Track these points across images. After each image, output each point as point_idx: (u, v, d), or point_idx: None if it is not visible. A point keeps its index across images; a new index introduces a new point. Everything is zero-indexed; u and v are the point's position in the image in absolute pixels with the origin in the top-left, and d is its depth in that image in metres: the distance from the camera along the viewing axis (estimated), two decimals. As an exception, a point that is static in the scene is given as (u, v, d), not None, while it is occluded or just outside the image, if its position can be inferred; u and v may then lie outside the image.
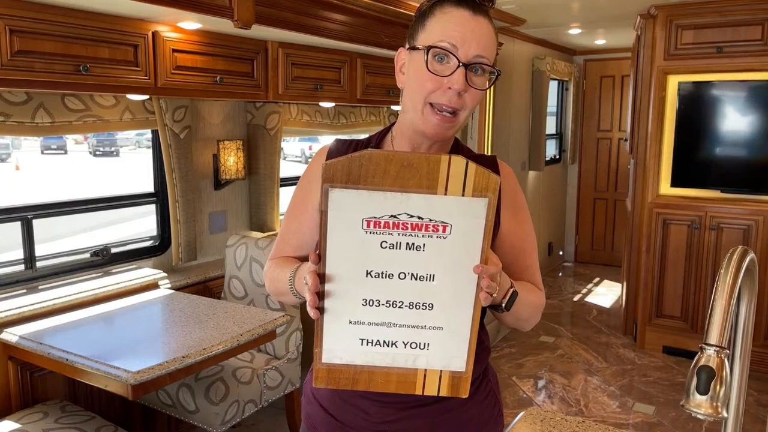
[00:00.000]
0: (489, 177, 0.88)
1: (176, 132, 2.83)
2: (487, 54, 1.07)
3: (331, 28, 2.89)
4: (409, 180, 0.87)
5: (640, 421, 3.28)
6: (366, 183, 0.88)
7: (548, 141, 6.03)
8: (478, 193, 0.88)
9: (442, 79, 1.04)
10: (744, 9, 3.72)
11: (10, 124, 2.26)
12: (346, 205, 0.89)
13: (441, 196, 0.88)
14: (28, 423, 2.11)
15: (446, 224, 0.90)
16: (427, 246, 0.91)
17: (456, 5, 1.06)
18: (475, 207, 0.89)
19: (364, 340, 0.94)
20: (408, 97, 1.09)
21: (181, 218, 2.91)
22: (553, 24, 4.83)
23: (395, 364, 0.95)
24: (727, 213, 3.90)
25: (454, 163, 0.87)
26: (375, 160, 0.87)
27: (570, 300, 5.50)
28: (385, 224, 0.90)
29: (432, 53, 1.04)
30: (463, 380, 0.96)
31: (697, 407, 0.76)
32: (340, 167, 0.87)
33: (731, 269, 0.81)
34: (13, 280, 2.50)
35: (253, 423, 3.05)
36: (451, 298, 0.93)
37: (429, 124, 1.06)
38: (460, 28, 1.04)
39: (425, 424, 1.12)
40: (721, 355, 0.76)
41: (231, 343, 2.13)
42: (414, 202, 0.89)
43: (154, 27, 2.46)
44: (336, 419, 1.16)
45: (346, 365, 0.95)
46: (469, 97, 1.06)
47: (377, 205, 0.89)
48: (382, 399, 1.12)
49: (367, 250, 0.91)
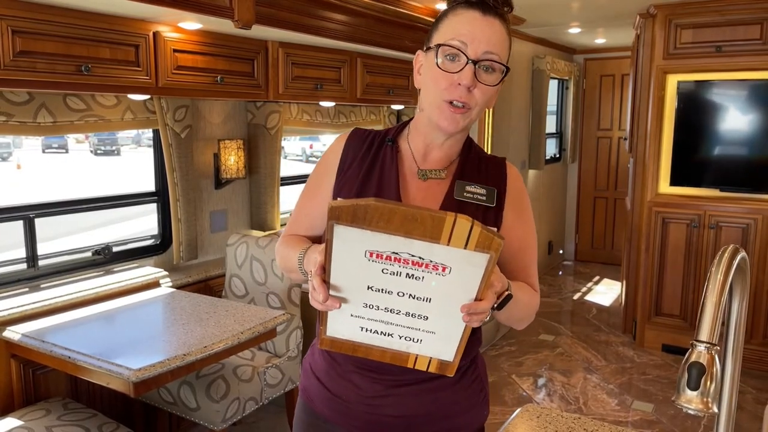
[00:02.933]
0: (492, 239, 0.89)
1: (177, 131, 2.85)
2: (497, 51, 1.10)
3: (331, 28, 2.90)
4: (413, 230, 0.89)
5: (639, 419, 3.30)
6: (370, 226, 0.89)
7: (548, 140, 6.04)
8: (481, 249, 0.90)
9: (453, 75, 1.09)
10: (743, 8, 3.73)
11: (12, 123, 2.28)
12: (351, 238, 0.91)
13: (443, 246, 0.90)
14: (31, 420, 2.13)
15: (446, 266, 0.92)
16: (426, 278, 0.94)
17: (467, 8, 1.11)
18: (477, 259, 0.91)
19: (364, 328, 1.01)
20: (424, 95, 1.15)
21: (182, 217, 2.93)
22: (553, 23, 4.84)
23: (391, 347, 1.02)
24: (726, 212, 3.91)
25: (458, 225, 0.88)
26: (379, 210, 0.88)
27: (570, 298, 5.51)
28: (387, 257, 0.92)
29: (442, 51, 1.09)
30: (451, 366, 1.03)
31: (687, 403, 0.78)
32: (345, 210, 0.89)
33: (722, 267, 0.82)
34: (15, 278, 2.51)
35: (253, 420, 3.07)
36: (444, 316, 0.97)
37: (443, 118, 1.12)
38: (469, 27, 1.09)
39: (413, 402, 1.18)
40: (712, 351, 0.78)
41: (232, 341, 2.15)
42: (416, 246, 0.91)
43: (155, 27, 2.47)
44: (330, 392, 1.22)
45: (348, 340, 1.03)
46: (479, 93, 1.10)
47: (380, 242, 0.91)
48: (374, 376, 1.18)
49: (369, 273, 0.94)
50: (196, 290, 2.91)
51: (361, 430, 1.21)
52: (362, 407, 1.19)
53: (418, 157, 1.21)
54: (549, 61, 5.62)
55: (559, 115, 6.52)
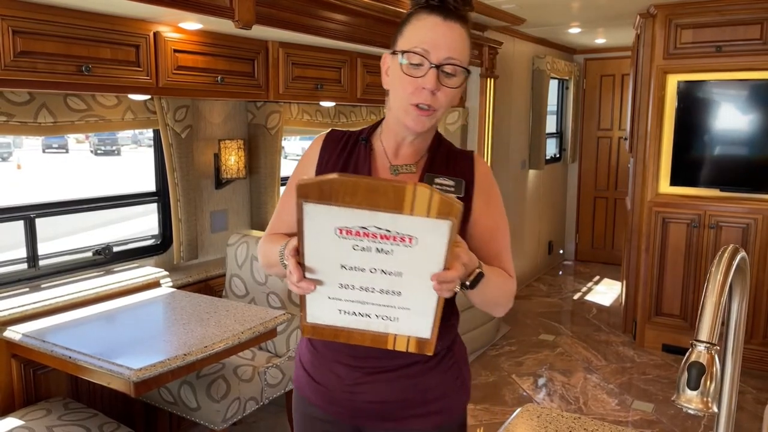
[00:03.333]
0: (452, 205, 0.93)
1: (177, 131, 2.85)
2: (458, 56, 1.16)
3: (331, 28, 2.90)
4: (378, 201, 0.93)
5: (639, 419, 3.30)
6: (337, 201, 0.93)
7: (548, 140, 6.04)
8: (443, 216, 0.93)
9: (417, 80, 1.16)
10: (743, 8, 3.73)
11: (12, 124, 2.28)
12: (320, 216, 0.95)
13: (407, 216, 0.94)
14: (32, 420, 2.13)
15: (412, 237, 0.96)
16: (395, 252, 0.97)
17: (429, 13, 1.17)
18: (440, 226, 0.94)
19: (342, 311, 1.05)
20: (392, 96, 1.22)
21: (182, 217, 2.93)
22: (553, 23, 4.84)
23: (370, 328, 1.06)
24: (726, 212, 3.91)
25: (419, 192, 0.92)
26: (344, 184, 0.92)
27: (570, 298, 5.51)
28: (356, 233, 0.96)
29: (407, 58, 1.16)
30: (429, 343, 1.06)
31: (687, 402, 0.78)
32: (312, 187, 0.93)
33: (722, 267, 0.82)
34: (15, 278, 2.51)
35: (254, 420, 3.07)
36: (416, 290, 1.01)
37: (410, 118, 1.18)
38: (431, 33, 1.15)
39: (390, 388, 1.25)
40: (712, 351, 0.78)
41: (232, 341, 2.15)
42: (381, 218, 0.95)
43: (156, 27, 2.47)
44: (315, 381, 1.31)
45: (328, 325, 1.07)
46: (443, 96, 1.17)
47: (348, 218, 0.95)
48: (352, 364, 1.25)
49: (341, 251, 0.98)
50: (197, 290, 2.91)
51: (344, 415, 1.29)
52: (343, 394, 1.27)
53: (389, 154, 1.28)
54: (549, 61, 5.62)
55: (559, 115, 6.53)
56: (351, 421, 1.30)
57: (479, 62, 4.37)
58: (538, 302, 5.36)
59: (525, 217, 5.70)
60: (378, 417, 1.27)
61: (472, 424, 3.20)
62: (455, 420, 1.32)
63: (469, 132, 4.57)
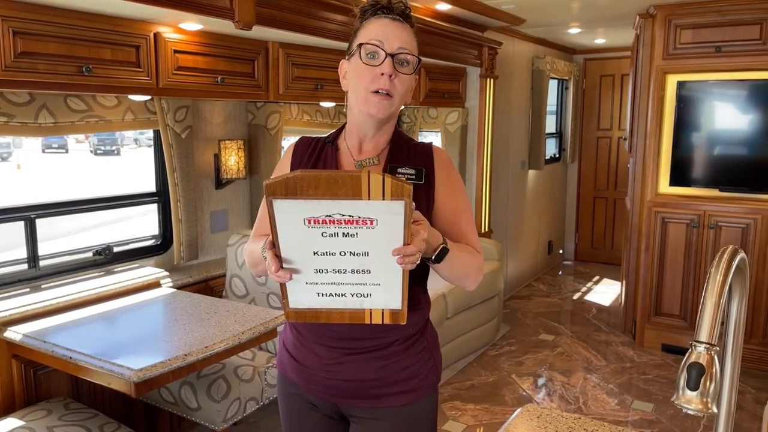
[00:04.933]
0: (403, 187, 1.03)
1: (178, 132, 2.85)
2: (408, 46, 1.32)
3: (331, 28, 2.90)
4: (338, 191, 1.03)
5: (639, 419, 3.30)
6: (302, 195, 1.04)
7: (548, 140, 6.05)
8: (396, 197, 1.04)
9: (375, 68, 1.29)
10: (742, 8, 3.73)
11: (13, 124, 2.28)
12: (288, 210, 1.06)
13: (366, 201, 1.04)
14: (32, 420, 2.13)
15: (373, 219, 1.07)
16: (360, 234, 1.08)
17: (378, 17, 1.33)
18: (395, 207, 1.05)
19: (320, 293, 1.16)
20: (352, 93, 1.35)
21: (182, 217, 2.93)
22: (553, 23, 4.85)
23: (347, 307, 1.17)
24: (726, 212, 3.91)
25: (372, 179, 1.02)
26: (306, 179, 1.03)
27: (570, 298, 5.52)
28: (323, 221, 1.07)
29: (364, 49, 1.30)
30: (401, 314, 1.17)
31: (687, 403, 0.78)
32: (278, 185, 1.03)
33: (721, 268, 0.83)
34: (16, 279, 2.52)
35: (254, 420, 3.08)
36: (383, 266, 1.11)
37: (372, 105, 1.30)
38: (383, 29, 1.31)
39: (364, 367, 1.35)
40: (711, 351, 0.78)
41: (232, 341, 2.15)
42: (344, 206, 1.05)
43: (156, 28, 2.47)
44: (297, 361, 1.42)
45: (309, 308, 1.18)
46: (399, 82, 1.31)
47: (314, 208, 1.05)
48: (331, 345, 1.35)
49: (311, 239, 1.09)
50: (197, 290, 2.92)
51: (321, 393, 1.39)
52: (322, 373, 1.37)
53: (354, 151, 1.40)
54: (549, 61, 5.62)
55: (558, 115, 6.53)
56: (329, 399, 1.40)
57: (479, 62, 4.38)
58: (537, 302, 5.36)
59: (525, 217, 5.71)
60: (354, 395, 1.37)
61: (471, 424, 3.21)
62: (426, 399, 1.41)
63: (468, 132, 4.57)
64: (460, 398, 3.49)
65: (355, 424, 1.41)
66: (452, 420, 3.24)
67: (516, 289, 5.64)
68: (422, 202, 1.32)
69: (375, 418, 1.37)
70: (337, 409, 1.42)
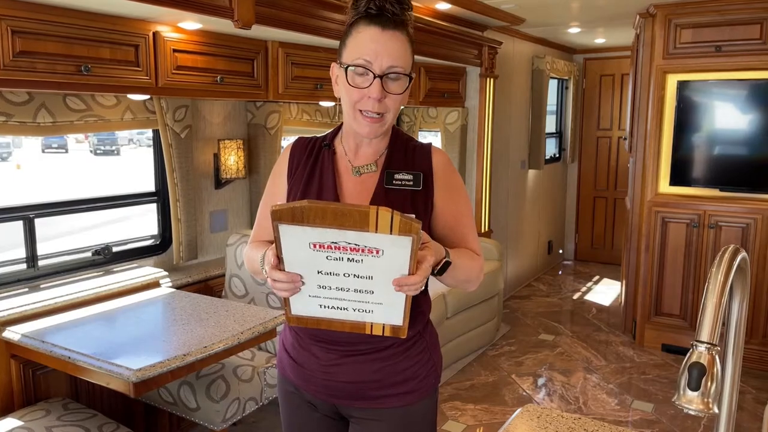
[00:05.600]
0: (411, 225, 1.03)
1: (177, 131, 2.85)
2: (400, 63, 1.24)
3: (331, 28, 2.90)
4: (344, 223, 1.03)
5: (639, 419, 3.30)
6: (308, 223, 1.04)
7: (548, 140, 6.04)
8: (404, 233, 1.04)
9: (363, 90, 1.23)
10: (743, 8, 3.73)
11: (12, 124, 2.27)
12: (294, 234, 1.06)
13: (372, 233, 1.04)
14: (31, 421, 2.13)
15: (379, 249, 1.06)
16: (365, 261, 1.08)
17: (367, 24, 1.24)
18: (403, 241, 1.05)
19: (322, 305, 1.16)
20: (343, 104, 1.30)
21: (182, 217, 2.93)
22: (553, 23, 4.84)
23: (348, 318, 1.17)
24: (726, 211, 3.91)
25: (381, 216, 1.02)
26: (314, 210, 1.02)
27: (570, 298, 5.51)
28: (328, 246, 1.07)
29: (350, 71, 1.23)
30: (402, 328, 1.18)
31: (688, 403, 0.78)
32: (285, 212, 1.03)
33: (722, 268, 0.82)
34: (15, 278, 2.51)
35: (254, 420, 3.07)
36: (386, 289, 1.11)
37: (361, 126, 1.27)
38: (372, 45, 1.22)
39: (363, 369, 1.33)
40: (712, 352, 0.78)
41: (232, 341, 2.15)
42: (350, 235, 1.05)
43: (155, 27, 2.47)
44: (296, 361, 1.41)
45: (311, 317, 1.19)
46: (390, 102, 1.25)
47: (319, 235, 1.05)
48: (329, 347, 1.34)
49: (316, 260, 1.09)
50: (196, 290, 2.91)
51: (320, 394, 1.38)
52: (320, 374, 1.36)
53: (350, 155, 1.36)
54: (549, 61, 5.62)
55: (558, 115, 6.52)
56: (327, 400, 1.39)
57: (479, 62, 4.37)
58: (537, 302, 5.36)
59: (525, 217, 5.70)
60: (352, 396, 1.36)
61: (471, 424, 3.20)
62: (426, 400, 1.40)
63: (468, 132, 4.57)
64: (459, 398, 3.49)
65: (355, 425, 1.40)
66: (452, 420, 3.23)
67: (516, 289, 5.64)
68: (420, 208, 1.31)
69: (374, 419, 1.37)
70: (337, 410, 1.42)
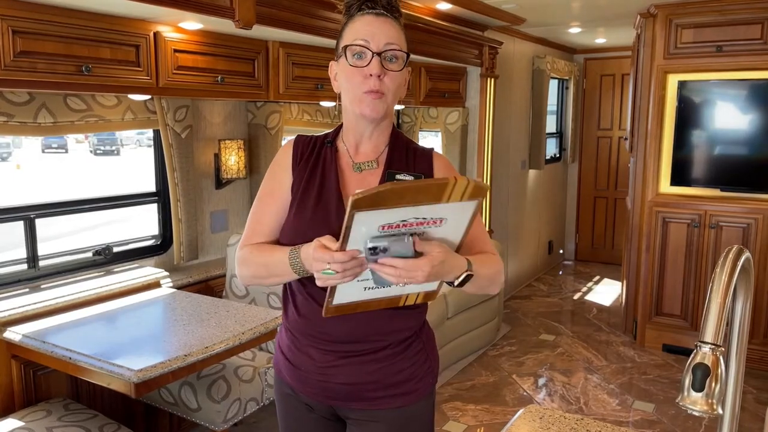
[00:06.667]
0: (482, 188, 1.05)
1: (178, 131, 2.84)
2: (396, 41, 1.28)
3: (332, 28, 2.89)
4: (420, 199, 1.03)
5: (640, 419, 3.29)
6: (386, 206, 1.02)
7: (548, 140, 6.04)
8: (474, 197, 1.06)
9: (363, 69, 1.27)
10: (743, 8, 3.73)
11: (12, 124, 2.27)
12: (367, 220, 1.04)
13: (444, 204, 1.05)
14: (32, 421, 2.13)
15: (443, 218, 1.09)
16: (425, 233, 1.10)
17: (362, 14, 1.30)
18: (467, 207, 1.08)
19: (367, 288, 1.17)
20: (344, 95, 1.32)
21: (182, 217, 2.93)
22: (554, 23, 4.84)
23: (388, 295, 1.20)
24: (727, 211, 3.91)
25: (459, 185, 1.03)
26: (396, 191, 1.01)
27: (570, 298, 5.51)
28: (396, 225, 1.06)
29: (350, 51, 1.27)
30: (435, 293, 1.24)
31: (692, 404, 0.78)
32: (366, 200, 1.00)
33: (726, 268, 0.82)
34: (15, 279, 2.51)
35: (254, 421, 3.07)
36: None
37: (364, 107, 1.28)
38: (368, 27, 1.28)
39: (359, 371, 1.33)
40: (717, 352, 0.78)
41: (233, 342, 2.15)
42: (422, 210, 1.05)
43: (156, 27, 2.47)
44: (291, 363, 1.40)
45: (351, 302, 1.18)
46: (389, 80, 1.28)
47: (392, 215, 1.04)
48: (326, 348, 1.34)
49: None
50: (197, 290, 2.91)
51: (316, 396, 1.38)
52: (316, 376, 1.35)
53: (351, 152, 1.38)
54: (549, 61, 5.61)
55: (559, 115, 6.52)
56: (324, 401, 1.38)
57: (479, 62, 4.37)
58: (538, 302, 5.36)
59: (525, 217, 5.70)
60: (349, 397, 1.35)
61: (472, 424, 3.20)
62: (423, 401, 1.39)
63: (469, 132, 4.56)
64: (460, 398, 3.48)
65: (352, 426, 1.40)
66: (453, 420, 3.23)
67: (516, 289, 5.63)
68: None
69: (371, 420, 1.36)
70: (334, 411, 1.41)
